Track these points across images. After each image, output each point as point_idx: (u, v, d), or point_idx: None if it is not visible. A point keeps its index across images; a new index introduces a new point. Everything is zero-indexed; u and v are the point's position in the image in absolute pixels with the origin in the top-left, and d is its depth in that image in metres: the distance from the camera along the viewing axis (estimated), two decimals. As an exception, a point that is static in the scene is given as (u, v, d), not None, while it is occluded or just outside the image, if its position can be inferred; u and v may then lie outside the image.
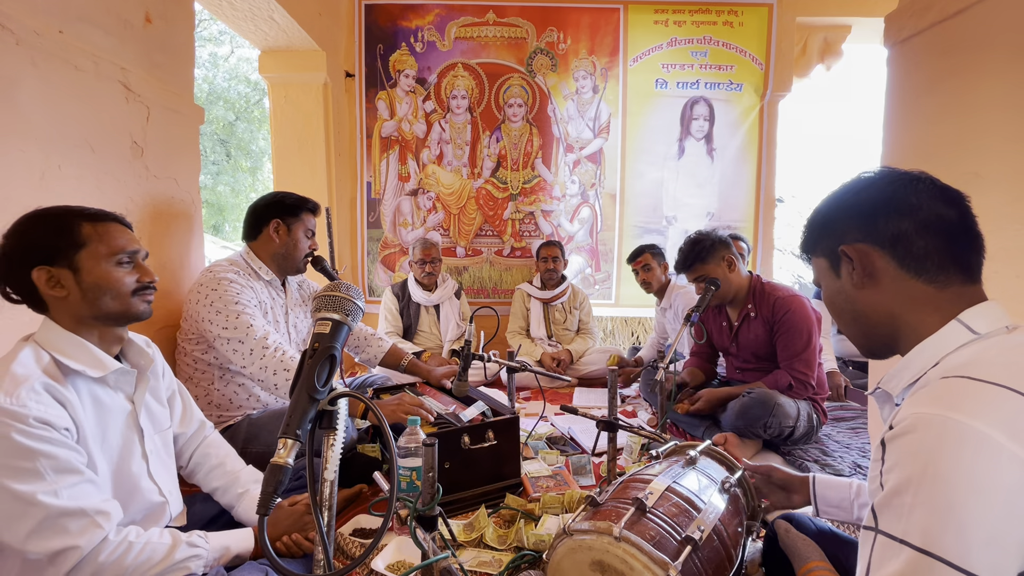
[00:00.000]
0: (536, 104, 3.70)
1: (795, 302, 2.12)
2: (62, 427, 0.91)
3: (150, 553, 0.96)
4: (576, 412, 1.69)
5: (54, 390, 0.93)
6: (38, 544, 0.86)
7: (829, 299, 0.84)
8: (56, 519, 0.87)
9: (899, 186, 0.74)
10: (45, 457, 0.87)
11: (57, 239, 0.99)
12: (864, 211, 0.76)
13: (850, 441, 2.24)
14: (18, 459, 0.85)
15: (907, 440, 0.59)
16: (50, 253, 0.98)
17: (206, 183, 10.29)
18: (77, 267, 0.99)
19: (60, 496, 0.87)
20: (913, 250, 0.72)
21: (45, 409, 0.89)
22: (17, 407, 0.86)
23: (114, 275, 1.01)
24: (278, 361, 1.62)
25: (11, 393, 0.87)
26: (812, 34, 3.79)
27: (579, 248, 3.85)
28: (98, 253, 1.00)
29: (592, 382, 3.23)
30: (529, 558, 1.33)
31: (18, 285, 0.99)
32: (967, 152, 1.28)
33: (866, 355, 0.84)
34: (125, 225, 1.08)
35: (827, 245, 0.81)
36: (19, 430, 0.85)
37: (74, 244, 0.99)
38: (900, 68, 1.50)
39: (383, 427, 0.75)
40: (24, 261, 0.97)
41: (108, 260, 1.01)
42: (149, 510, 1.09)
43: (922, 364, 0.70)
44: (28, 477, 0.85)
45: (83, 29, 1.50)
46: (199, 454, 1.30)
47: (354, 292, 0.85)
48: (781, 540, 1.01)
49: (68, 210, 1.03)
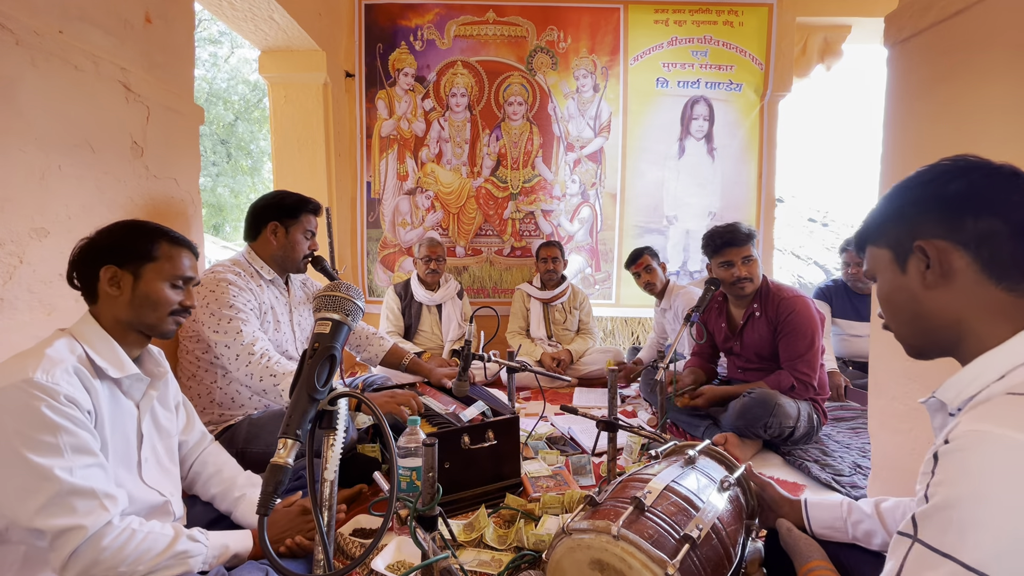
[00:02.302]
0: (536, 102, 3.70)
1: (800, 303, 2.12)
2: (86, 409, 0.96)
3: (151, 543, 0.96)
4: (576, 412, 1.70)
5: (83, 376, 0.98)
6: (45, 520, 0.87)
7: (886, 294, 0.77)
8: (66, 496, 0.88)
9: (996, 181, 0.67)
10: (67, 434, 0.91)
11: (136, 246, 1.10)
12: (951, 205, 0.69)
13: (850, 441, 2.24)
14: (42, 432, 0.89)
15: (963, 456, 0.57)
16: (124, 256, 1.09)
17: (206, 184, 10.28)
18: (139, 275, 1.09)
19: (74, 474, 0.90)
20: (1000, 254, 0.66)
21: (74, 390, 0.94)
22: (51, 383, 0.91)
23: (164, 293, 1.11)
24: (263, 367, 1.62)
25: (48, 371, 0.92)
26: (812, 34, 3.79)
27: (579, 248, 3.85)
28: (161, 270, 1.12)
29: (592, 382, 3.23)
30: (529, 558, 1.33)
31: (86, 274, 1.08)
32: (967, 151, 1.28)
33: (913, 354, 0.79)
34: (195, 253, 1.20)
35: (897, 236, 0.74)
36: (49, 404, 0.90)
37: (147, 256, 1.10)
38: (900, 68, 1.50)
39: (383, 426, 0.75)
40: (100, 256, 1.08)
41: (166, 279, 1.12)
42: (152, 508, 1.10)
43: (987, 376, 0.66)
44: (48, 451, 0.88)
45: (83, 29, 1.50)
46: (198, 463, 1.32)
47: (354, 292, 0.85)
48: (783, 539, 1.00)
49: (157, 228, 1.15)
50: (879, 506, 0.98)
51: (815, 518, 1.04)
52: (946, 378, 0.73)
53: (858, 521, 0.99)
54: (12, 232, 1.30)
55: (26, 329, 1.33)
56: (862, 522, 0.98)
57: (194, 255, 1.20)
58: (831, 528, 1.01)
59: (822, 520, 1.03)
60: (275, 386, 1.61)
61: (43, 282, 1.39)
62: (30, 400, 0.88)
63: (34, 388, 0.89)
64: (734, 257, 2.14)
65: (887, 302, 0.78)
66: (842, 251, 3.08)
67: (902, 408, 1.47)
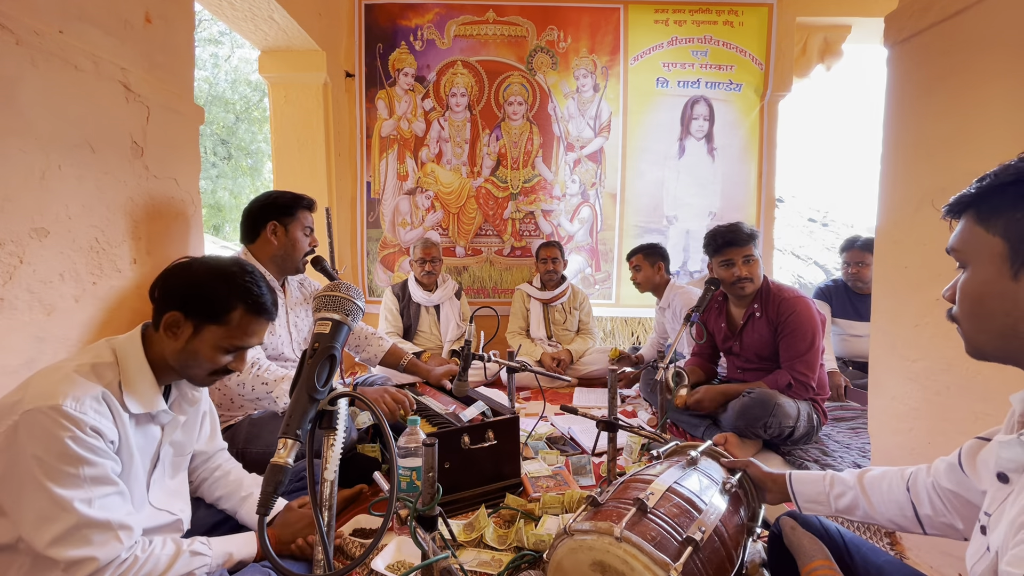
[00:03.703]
0: (536, 102, 3.70)
1: (801, 303, 2.12)
2: (109, 439, 0.95)
3: (152, 566, 0.97)
4: (576, 412, 1.70)
5: (112, 403, 0.97)
6: (59, 551, 0.86)
7: (978, 291, 0.67)
8: (83, 528, 0.88)
9: None
10: (88, 465, 0.90)
11: (212, 302, 1.05)
12: None
13: (850, 441, 2.24)
14: (64, 463, 0.87)
15: None
16: (195, 308, 1.04)
17: (206, 186, 10.28)
18: (199, 332, 1.05)
19: (92, 505, 0.89)
20: None
21: (100, 420, 0.93)
22: (79, 414, 0.89)
23: (214, 357, 1.06)
24: (254, 377, 1.62)
25: (78, 399, 0.91)
26: (812, 34, 3.79)
27: (579, 248, 3.85)
28: (224, 336, 1.06)
29: (592, 382, 3.23)
30: (529, 558, 1.33)
31: (159, 304, 1.06)
32: (967, 152, 1.28)
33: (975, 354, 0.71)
34: (271, 319, 1.13)
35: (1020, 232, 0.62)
36: (74, 436, 0.88)
37: (214, 317, 1.05)
38: (900, 68, 1.50)
39: (383, 426, 0.75)
40: (172, 300, 1.04)
41: (221, 346, 1.06)
42: (162, 527, 1.10)
43: None
44: (69, 482, 0.87)
45: (83, 29, 1.50)
46: (206, 468, 1.32)
47: (354, 292, 0.85)
48: (786, 538, 1.00)
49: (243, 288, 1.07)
50: (863, 479, 0.99)
51: (800, 493, 1.04)
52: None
53: (840, 495, 1.00)
54: (12, 232, 1.30)
55: (26, 329, 1.33)
56: (844, 495, 0.99)
57: (269, 321, 1.13)
58: (815, 502, 1.03)
59: (806, 494, 1.04)
60: (268, 393, 1.60)
61: (43, 282, 1.39)
62: (56, 430, 0.87)
63: (61, 417, 0.87)
64: (735, 257, 2.14)
65: (974, 298, 0.67)
66: (842, 251, 3.07)
67: (902, 408, 1.46)
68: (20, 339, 1.29)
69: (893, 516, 0.94)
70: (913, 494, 0.92)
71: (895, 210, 1.50)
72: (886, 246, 1.53)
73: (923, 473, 0.92)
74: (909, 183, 1.45)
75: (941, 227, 1.33)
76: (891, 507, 0.94)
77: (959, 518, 0.86)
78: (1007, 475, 0.66)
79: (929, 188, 1.37)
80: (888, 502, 0.95)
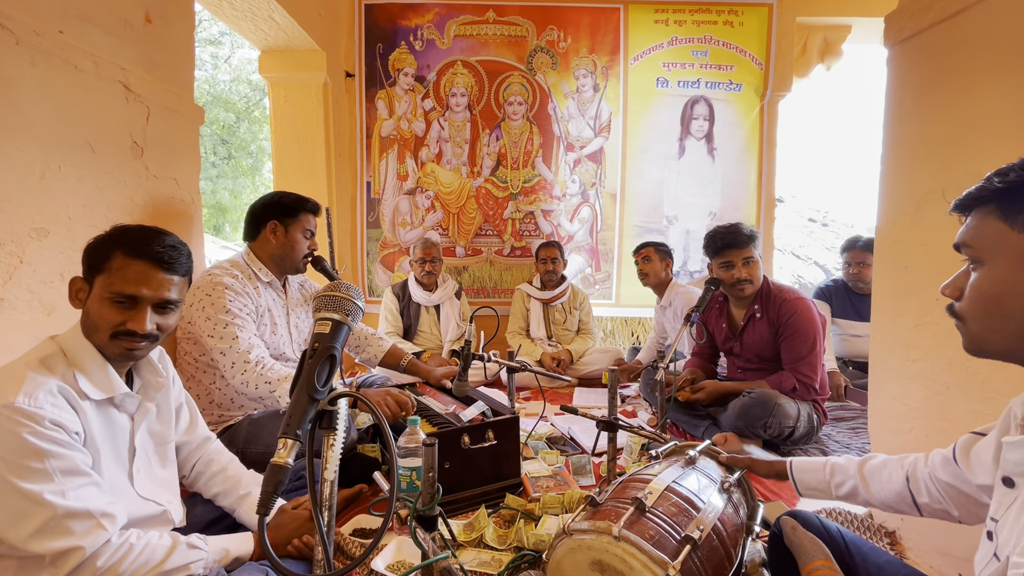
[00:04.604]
0: (536, 102, 3.70)
1: (801, 305, 2.12)
2: (73, 431, 0.93)
3: (148, 556, 0.96)
4: (576, 412, 1.69)
5: (69, 395, 0.95)
6: (41, 544, 0.86)
7: (997, 290, 0.64)
8: (61, 519, 0.87)
9: None
10: (54, 458, 0.88)
11: (93, 252, 1.01)
12: None
13: (850, 441, 2.24)
14: (28, 459, 0.86)
15: None
16: (87, 265, 1.02)
17: (206, 186, 10.28)
18: (92, 291, 1.01)
19: (67, 497, 0.88)
20: None
21: (59, 412, 0.91)
22: (34, 408, 0.88)
23: (102, 312, 0.99)
24: (258, 375, 1.61)
25: (30, 394, 0.89)
26: (812, 34, 3.79)
27: (579, 248, 3.85)
28: (103, 286, 0.99)
29: (592, 382, 3.23)
30: (529, 558, 1.33)
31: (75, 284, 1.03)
32: (967, 152, 1.28)
33: (974, 351, 0.69)
34: (164, 266, 1.02)
35: None
36: (32, 431, 0.86)
37: (97, 268, 1.01)
38: (900, 68, 1.50)
39: (383, 426, 0.75)
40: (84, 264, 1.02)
41: (106, 297, 0.99)
42: (150, 518, 1.09)
43: None
44: (36, 477, 0.86)
45: (83, 29, 1.50)
46: (201, 463, 1.31)
47: (354, 292, 0.85)
48: (787, 537, 1.00)
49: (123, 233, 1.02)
50: (863, 468, 1.02)
51: (801, 481, 1.07)
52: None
53: (840, 483, 1.02)
54: (12, 232, 1.30)
55: (26, 329, 1.33)
56: (844, 484, 1.02)
57: (163, 268, 1.02)
58: (815, 490, 1.05)
59: (807, 483, 1.06)
60: (271, 392, 1.60)
61: (43, 282, 1.39)
62: (12, 427, 0.85)
63: (15, 414, 0.86)
64: (735, 258, 2.14)
65: (991, 297, 0.64)
66: (843, 251, 3.07)
67: (902, 408, 1.47)
68: (20, 339, 1.29)
69: (892, 503, 0.98)
70: (912, 484, 0.95)
71: (895, 210, 1.49)
72: (886, 246, 1.53)
73: (921, 463, 0.95)
74: (909, 183, 1.44)
75: (942, 226, 1.33)
76: (890, 496, 0.97)
77: (954, 506, 0.90)
78: (1013, 479, 0.66)
79: (929, 188, 1.37)
80: (887, 491, 0.98)
